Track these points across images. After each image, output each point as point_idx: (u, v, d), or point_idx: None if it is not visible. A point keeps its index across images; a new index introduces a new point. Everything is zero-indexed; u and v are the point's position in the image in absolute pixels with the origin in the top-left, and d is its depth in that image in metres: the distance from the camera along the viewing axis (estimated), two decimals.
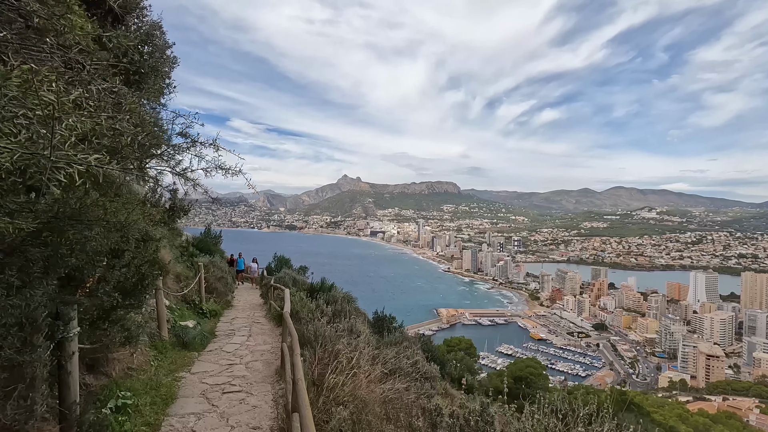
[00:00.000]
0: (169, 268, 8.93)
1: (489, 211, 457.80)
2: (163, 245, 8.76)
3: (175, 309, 9.02)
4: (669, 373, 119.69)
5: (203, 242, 17.78)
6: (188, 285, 10.71)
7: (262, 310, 13.51)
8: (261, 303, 15.22)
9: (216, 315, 11.28)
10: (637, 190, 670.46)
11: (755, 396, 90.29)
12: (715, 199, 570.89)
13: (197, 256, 14.80)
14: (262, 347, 8.44)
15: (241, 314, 12.32)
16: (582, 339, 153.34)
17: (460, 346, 26.44)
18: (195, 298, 10.96)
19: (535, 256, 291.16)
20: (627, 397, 20.90)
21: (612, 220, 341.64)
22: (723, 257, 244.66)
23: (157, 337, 7.15)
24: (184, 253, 14.56)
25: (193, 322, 8.50)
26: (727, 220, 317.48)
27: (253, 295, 17.55)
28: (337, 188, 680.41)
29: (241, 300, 16.04)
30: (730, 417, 52.12)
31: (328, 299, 10.99)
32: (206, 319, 10.50)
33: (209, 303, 11.62)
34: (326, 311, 9.81)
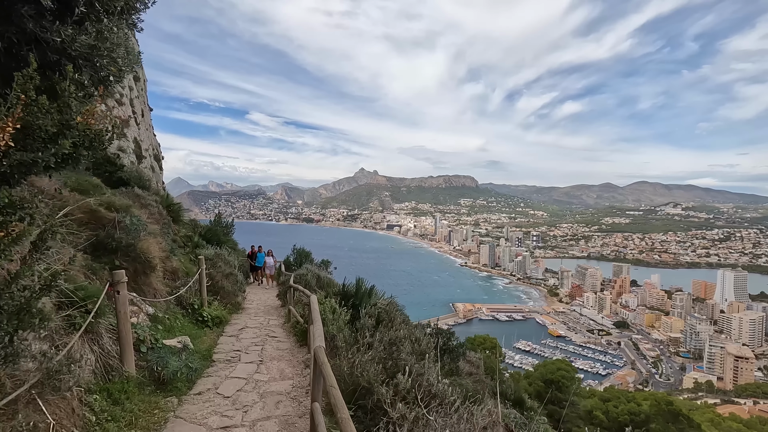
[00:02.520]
0: (156, 263, 6.75)
1: (507, 205, 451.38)
2: (148, 231, 7.07)
3: (163, 318, 6.99)
4: (694, 373, 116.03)
5: (212, 231, 15.90)
6: (187, 284, 8.84)
7: (278, 315, 11.46)
8: (277, 305, 13.22)
9: (220, 323, 9.30)
10: (662, 185, 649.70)
11: None
12: (745, 195, 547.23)
13: (203, 248, 12.71)
14: (279, 385, 5.85)
15: (252, 322, 10.25)
16: (603, 337, 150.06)
17: (485, 345, 25.80)
18: (194, 301, 8.97)
19: (554, 252, 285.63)
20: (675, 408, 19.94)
21: (635, 216, 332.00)
22: (752, 255, 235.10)
23: (117, 372, 4.55)
24: (187, 244, 12.73)
25: (182, 340, 6.32)
26: (757, 216, 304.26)
27: (269, 295, 15.87)
28: (354, 181, 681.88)
29: (254, 301, 14.06)
30: (765, 423, 49.90)
31: (370, 311, 8.36)
32: (206, 329, 8.51)
33: (212, 307, 9.60)
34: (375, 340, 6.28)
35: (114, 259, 5.36)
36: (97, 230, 5.29)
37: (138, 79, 44.27)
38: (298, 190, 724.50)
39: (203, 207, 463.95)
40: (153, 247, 6.60)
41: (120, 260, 5.41)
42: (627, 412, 20.30)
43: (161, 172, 53.58)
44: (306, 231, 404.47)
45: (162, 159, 53.98)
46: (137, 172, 19.46)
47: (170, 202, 13.59)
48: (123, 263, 5.48)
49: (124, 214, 5.76)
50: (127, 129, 34.26)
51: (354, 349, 5.69)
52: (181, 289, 8.03)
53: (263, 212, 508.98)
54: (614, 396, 22.20)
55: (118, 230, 5.51)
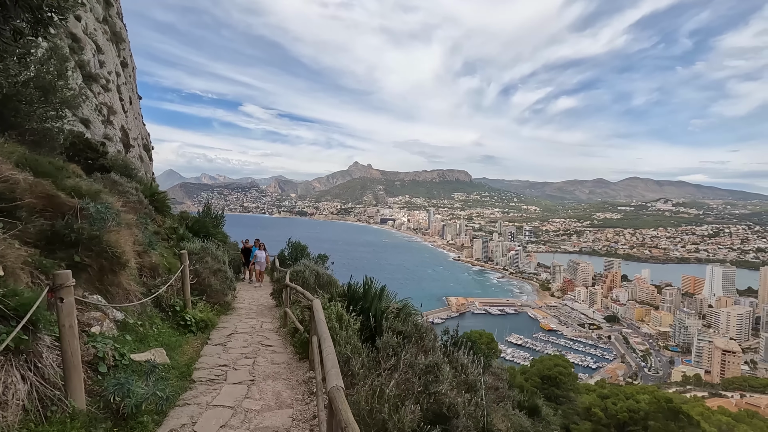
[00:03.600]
0: (127, 258, 5.52)
1: (500, 200, 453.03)
2: (120, 222, 5.90)
3: (135, 325, 5.71)
4: (682, 367, 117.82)
5: (200, 223, 14.68)
6: (167, 282, 7.61)
7: (273, 317, 10.22)
8: (272, 305, 12.08)
9: (206, 328, 8.01)
10: (654, 181, 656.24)
11: None
12: (735, 192, 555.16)
13: (189, 241, 11.35)
14: (275, 418, 4.55)
15: (242, 325, 9.03)
16: (593, 330, 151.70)
17: (481, 340, 25.42)
18: (175, 302, 7.71)
19: (546, 247, 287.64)
20: (675, 405, 19.71)
21: (626, 212, 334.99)
22: (741, 251, 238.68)
23: (59, 407, 3.27)
24: (171, 236, 11.52)
25: (156, 354, 5.11)
26: (746, 213, 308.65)
27: (262, 293, 14.65)
28: (348, 175, 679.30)
29: (246, 299, 12.89)
30: (753, 416, 50.51)
31: (394, 324, 7.07)
32: (189, 335, 7.28)
33: (197, 308, 8.36)
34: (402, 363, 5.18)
35: (73, 255, 4.39)
36: (55, 219, 4.41)
37: (125, 65, 42.64)
38: (292, 183, 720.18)
39: (196, 199, 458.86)
40: (124, 240, 5.44)
41: (81, 255, 4.43)
42: (626, 410, 20.05)
43: (151, 163, 51.98)
44: (300, 224, 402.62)
45: (152, 149, 52.46)
46: (123, 160, 18.55)
47: (155, 190, 12.58)
48: (84, 259, 4.53)
49: (90, 201, 4.89)
50: (113, 116, 33.02)
51: (374, 376, 4.57)
52: (160, 289, 6.98)
53: (256, 205, 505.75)
54: (613, 393, 21.94)
55: (79, 219, 4.58)
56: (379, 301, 7.38)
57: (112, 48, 36.41)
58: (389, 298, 7.80)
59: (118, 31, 38.89)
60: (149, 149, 48.08)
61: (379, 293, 7.59)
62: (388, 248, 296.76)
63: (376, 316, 7.00)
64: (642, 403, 20.52)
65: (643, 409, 20.44)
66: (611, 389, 24.80)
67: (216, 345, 7.25)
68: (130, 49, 42.41)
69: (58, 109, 9.09)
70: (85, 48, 30.02)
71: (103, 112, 30.58)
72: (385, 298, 7.64)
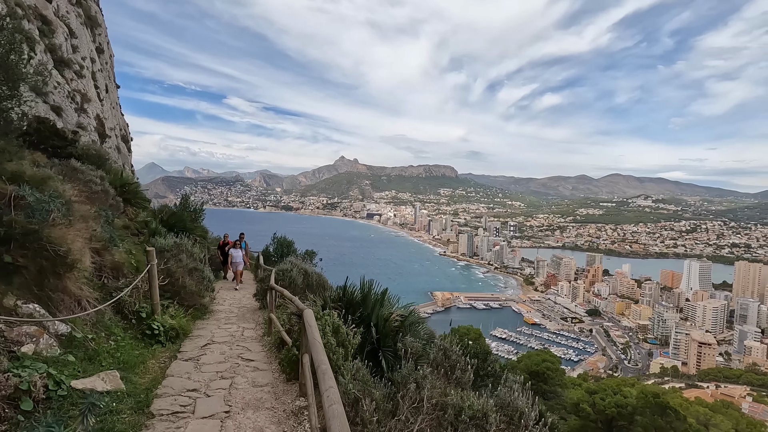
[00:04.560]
0: (76, 257, 4.49)
1: (486, 195, 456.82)
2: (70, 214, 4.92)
3: (84, 339, 4.60)
4: (660, 359, 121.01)
5: (176, 217, 13.30)
6: (131, 284, 6.49)
7: (256, 323, 9.08)
8: (255, 308, 10.89)
9: (177, 337, 6.89)
10: (634, 177, 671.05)
11: (746, 383, 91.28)
12: (711, 189, 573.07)
13: (162, 236, 9.98)
14: None
15: (220, 333, 7.89)
16: (575, 324, 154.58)
17: (469, 335, 25.08)
18: (141, 308, 6.57)
19: (530, 242, 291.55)
20: (662, 400, 19.66)
21: (608, 207, 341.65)
22: (716, 246, 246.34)
23: None
24: (142, 231, 10.33)
25: (105, 380, 3.90)
26: (722, 209, 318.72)
27: (244, 293, 13.40)
28: (334, 169, 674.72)
29: (227, 301, 11.68)
30: (728, 406, 51.95)
31: (410, 344, 5.83)
32: (156, 347, 6.23)
33: (168, 313, 7.25)
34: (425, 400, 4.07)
35: (2, 254, 3.52)
36: None
37: (101, 51, 40.58)
38: (277, 177, 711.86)
39: (178, 193, 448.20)
40: (73, 236, 4.44)
41: (13, 255, 3.52)
42: (614, 405, 19.96)
43: (130, 154, 49.91)
44: (285, 219, 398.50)
45: (131, 140, 50.39)
46: (96, 150, 17.35)
47: (126, 180, 11.50)
48: (18, 259, 3.63)
49: (31, 189, 3.98)
50: (88, 104, 31.26)
51: (392, 424, 3.57)
52: (122, 292, 5.86)
53: (241, 199, 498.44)
54: (601, 388, 21.86)
55: (13, 210, 3.74)
56: (381, 308, 6.35)
57: (86, 32, 34.49)
58: (390, 303, 6.80)
59: (93, 15, 36.87)
60: (128, 140, 46.16)
61: (380, 298, 6.54)
62: (374, 243, 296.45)
63: (378, 326, 6.02)
64: (630, 398, 20.46)
65: (631, 404, 20.38)
66: (599, 384, 24.78)
67: (187, 360, 6.12)
68: (106, 36, 40.39)
69: (11, 87, 8.03)
70: (56, 31, 28.21)
71: (76, 100, 28.87)
72: (387, 303, 6.63)
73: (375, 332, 5.89)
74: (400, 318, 6.54)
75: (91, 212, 6.04)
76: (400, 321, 6.47)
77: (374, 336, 5.86)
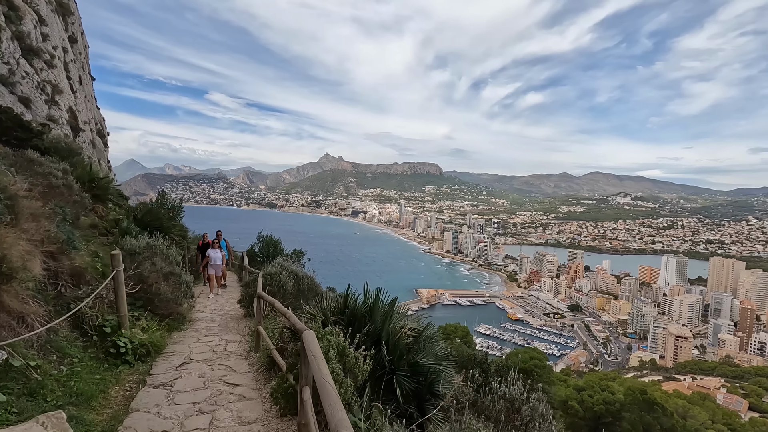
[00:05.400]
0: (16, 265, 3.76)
1: (470, 193, 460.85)
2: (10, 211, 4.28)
3: (23, 369, 3.75)
4: (639, 353, 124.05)
5: (151, 214, 11.90)
6: (93, 293, 5.54)
7: (241, 334, 8.05)
8: (239, 315, 9.82)
9: (147, 355, 5.91)
10: (614, 175, 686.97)
11: (720, 375, 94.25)
12: (687, 186, 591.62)
13: (134, 236, 8.87)
14: None
15: (200, 348, 6.83)
16: (558, 320, 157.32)
17: (456, 333, 24.86)
18: (105, 321, 5.56)
19: (514, 239, 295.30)
20: (649, 396, 19.74)
21: (589, 205, 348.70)
22: (692, 242, 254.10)
23: None
24: (111, 231, 9.28)
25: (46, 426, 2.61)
26: (697, 207, 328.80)
27: (228, 297, 12.19)
28: (318, 167, 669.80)
29: (208, 307, 10.57)
30: (704, 398, 53.50)
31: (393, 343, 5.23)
32: (122, 369, 5.30)
33: (138, 326, 6.24)
34: None
35: None
36: None
37: (75, 41, 38.61)
38: (261, 174, 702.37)
39: (159, 191, 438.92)
40: (13, 238, 3.71)
41: None
42: (602, 402, 20.02)
43: (106, 149, 47.82)
44: (269, 217, 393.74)
45: (107, 135, 48.31)
46: (67, 144, 16.26)
47: (94, 175, 10.54)
48: None
49: None
50: (59, 96, 29.61)
51: None
52: (81, 303, 4.99)
53: (224, 197, 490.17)
54: (589, 385, 21.90)
55: None
56: (389, 321, 5.36)
57: (57, 20, 32.71)
58: (399, 314, 5.83)
59: (66, 2, 35.01)
60: (104, 135, 44.26)
61: (390, 310, 5.56)
62: (360, 241, 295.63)
63: (389, 343, 5.08)
64: (618, 394, 20.51)
65: (619, 401, 20.46)
66: (587, 381, 24.86)
67: (158, 387, 5.05)
68: (80, 26, 38.50)
69: None
70: (24, 18, 26.56)
71: (46, 91, 27.30)
72: (396, 316, 5.66)
73: (387, 352, 4.97)
74: (414, 333, 5.60)
75: (44, 210, 5.24)
76: (414, 336, 5.55)
77: (386, 357, 4.93)
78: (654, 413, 19.22)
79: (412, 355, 5.20)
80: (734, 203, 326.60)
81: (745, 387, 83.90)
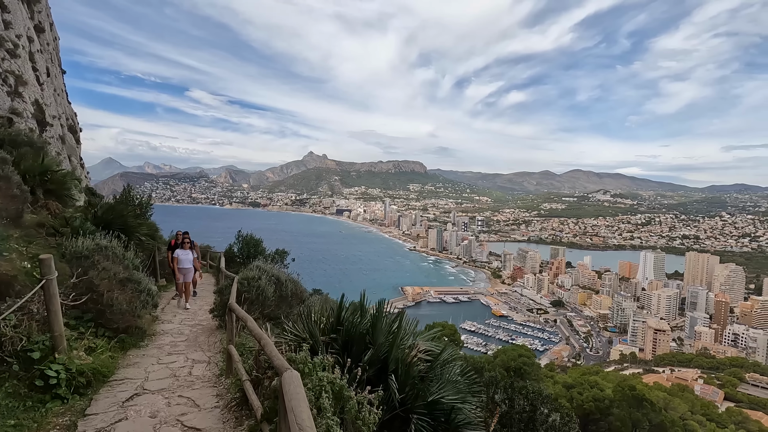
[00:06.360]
0: None
1: (454, 191, 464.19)
2: None
3: None
4: (620, 346, 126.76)
5: (114, 211, 10.30)
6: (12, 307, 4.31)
7: (212, 350, 6.92)
8: (212, 327, 8.52)
9: (88, 386, 4.70)
10: (594, 173, 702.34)
11: (696, 367, 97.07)
12: (664, 183, 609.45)
13: (89, 235, 7.60)
14: None
15: (158, 372, 5.68)
16: (541, 315, 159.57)
17: (444, 332, 24.43)
18: (33, 344, 4.44)
19: (497, 236, 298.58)
20: (638, 393, 19.66)
21: (570, 202, 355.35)
22: (669, 238, 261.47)
23: None
24: (59, 231, 7.87)
25: None
26: (674, 203, 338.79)
27: (201, 303, 10.94)
28: (302, 165, 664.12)
29: (177, 317, 9.30)
30: (683, 389, 54.81)
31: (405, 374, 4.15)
32: (49, 408, 4.11)
33: (82, 347, 5.06)
34: None
35: None
36: None
37: (42, 30, 36.77)
38: (244, 173, 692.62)
39: (138, 190, 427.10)
40: None
41: None
42: (591, 399, 19.89)
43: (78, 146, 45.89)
44: (253, 216, 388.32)
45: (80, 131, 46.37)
46: (27, 137, 15.09)
47: (47, 167, 9.44)
48: None
49: None
50: (23, 88, 27.98)
51: None
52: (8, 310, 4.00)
53: (206, 196, 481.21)
54: (578, 382, 21.78)
55: None
56: (398, 341, 4.21)
57: (21, 7, 30.90)
58: (407, 330, 4.59)
59: None
60: (76, 130, 42.35)
61: (397, 329, 4.32)
62: (345, 239, 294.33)
63: (399, 373, 3.98)
64: (607, 391, 20.39)
65: (608, 397, 20.35)
66: (575, 379, 24.77)
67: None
68: (49, 15, 36.60)
69: None
70: None
71: (9, 82, 25.68)
72: (404, 333, 4.45)
73: (397, 386, 3.83)
74: (428, 358, 4.41)
75: None
76: (429, 362, 4.38)
77: (396, 394, 3.78)
78: (643, 409, 19.19)
79: (427, 386, 4.07)
80: (708, 200, 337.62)
81: (720, 378, 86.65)
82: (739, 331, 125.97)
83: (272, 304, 8.81)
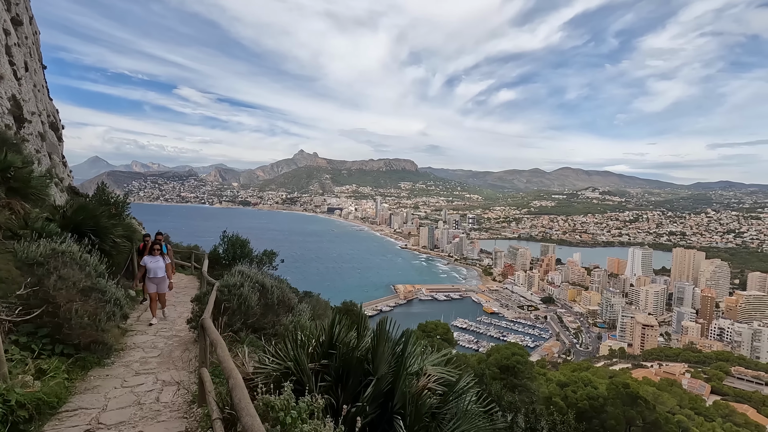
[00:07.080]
0: None
1: (445, 189, 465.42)
2: None
3: None
4: (609, 342, 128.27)
5: (84, 211, 9.49)
6: None
7: (187, 369, 6.14)
8: (188, 339, 7.72)
9: (30, 421, 3.86)
10: (583, 171, 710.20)
11: (684, 361, 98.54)
12: (651, 181, 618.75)
13: (53, 238, 6.89)
14: None
15: (119, 399, 4.90)
16: (531, 312, 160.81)
17: (437, 331, 24.15)
18: None
19: (488, 233, 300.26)
20: (632, 390, 19.59)
21: (559, 200, 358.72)
22: (656, 234, 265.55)
23: None
24: (17, 233, 7.12)
25: None
26: (660, 200, 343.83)
27: (182, 311, 10.09)
28: (293, 163, 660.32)
29: (153, 327, 8.48)
30: (672, 384, 55.60)
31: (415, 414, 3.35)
32: None
33: (30, 370, 4.44)
34: None
35: None
36: None
37: (19, 23, 35.57)
38: (234, 171, 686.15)
39: (126, 189, 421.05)
40: None
41: None
42: (585, 397, 19.80)
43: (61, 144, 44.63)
44: (243, 215, 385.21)
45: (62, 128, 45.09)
46: None
47: (11, 163, 8.57)
48: None
49: None
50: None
51: None
52: None
53: (195, 195, 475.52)
54: (572, 381, 21.67)
55: None
56: (406, 370, 3.48)
57: None
58: (413, 350, 3.82)
59: None
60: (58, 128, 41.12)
61: (402, 354, 3.58)
62: (337, 238, 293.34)
63: (408, 412, 3.27)
64: (601, 388, 20.30)
65: (602, 395, 20.25)
66: (569, 376, 24.68)
67: None
68: (28, 9, 35.38)
69: None
70: None
71: None
72: (414, 355, 3.73)
73: (403, 427, 3.14)
74: (440, 389, 3.65)
75: None
76: (442, 395, 3.63)
77: None
78: (637, 407, 19.13)
79: (439, 424, 3.36)
80: (694, 197, 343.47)
81: (707, 371, 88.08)
82: (724, 325, 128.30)
83: (257, 314, 8.07)
